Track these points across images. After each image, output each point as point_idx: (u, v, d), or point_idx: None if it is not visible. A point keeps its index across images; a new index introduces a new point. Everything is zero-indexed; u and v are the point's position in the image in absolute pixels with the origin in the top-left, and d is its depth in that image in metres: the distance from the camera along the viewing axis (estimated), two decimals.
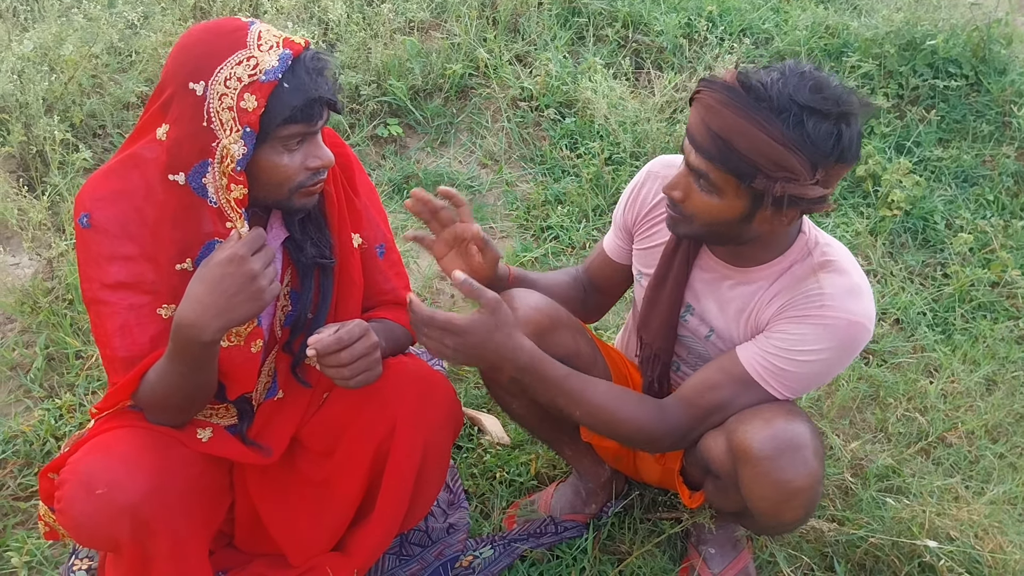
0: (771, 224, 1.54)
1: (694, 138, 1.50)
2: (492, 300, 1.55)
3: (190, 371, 1.48)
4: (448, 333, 1.53)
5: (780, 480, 1.55)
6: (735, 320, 1.71)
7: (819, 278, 1.61)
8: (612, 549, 2.04)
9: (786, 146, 1.41)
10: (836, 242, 1.70)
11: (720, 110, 1.45)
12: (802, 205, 1.48)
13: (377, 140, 3.51)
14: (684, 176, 1.56)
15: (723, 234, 1.60)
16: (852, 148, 1.46)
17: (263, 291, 1.43)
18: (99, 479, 1.49)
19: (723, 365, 1.69)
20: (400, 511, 1.74)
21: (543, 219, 3.20)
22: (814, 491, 1.58)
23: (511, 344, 1.57)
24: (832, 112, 1.42)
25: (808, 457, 1.56)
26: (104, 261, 1.52)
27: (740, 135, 1.43)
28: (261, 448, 1.72)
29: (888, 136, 3.60)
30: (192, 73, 1.41)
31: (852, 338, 1.60)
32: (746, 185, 1.47)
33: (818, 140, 1.41)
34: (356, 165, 1.76)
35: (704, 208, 1.55)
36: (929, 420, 2.42)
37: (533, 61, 3.81)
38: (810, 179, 1.44)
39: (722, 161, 1.46)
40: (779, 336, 1.62)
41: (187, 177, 1.47)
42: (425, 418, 1.69)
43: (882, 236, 3.19)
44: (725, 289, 1.72)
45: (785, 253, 1.66)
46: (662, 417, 1.69)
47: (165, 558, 1.57)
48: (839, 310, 1.58)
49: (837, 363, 1.64)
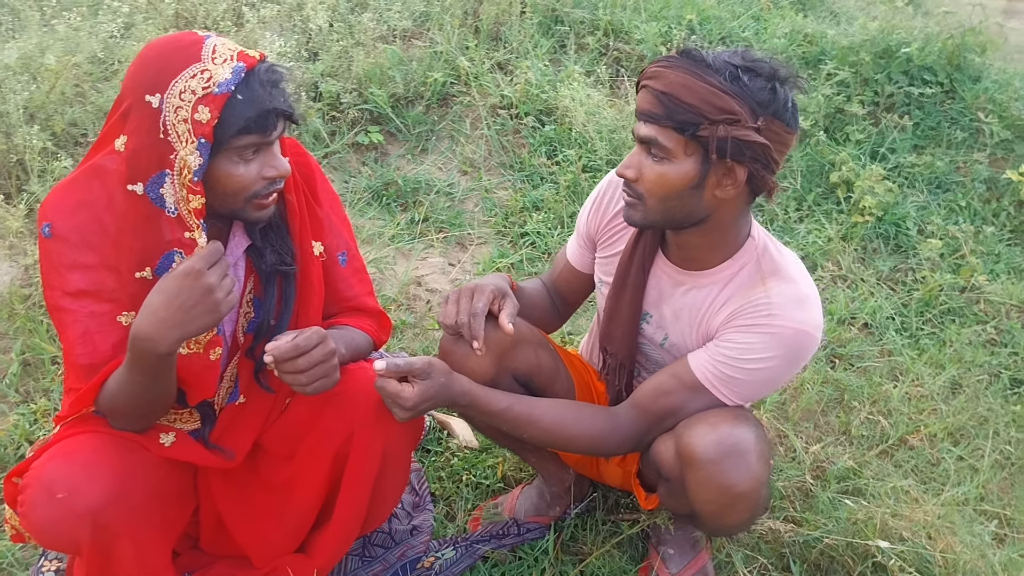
0: (721, 191, 1.57)
1: (641, 109, 1.56)
2: (421, 368, 1.63)
3: (148, 380, 1.52)
4: (396, 404, 1.63)
5: (724, 484, 1.59)
6: (688, 327, 1.75)
7: (767, 287, 1.65)
8: (575, 550, 2.08)
9: (725, 92, 1.49)
10: (787, 250, 1.74)
11: (663, 72, 1.53)
12: (746, 158, 1.52)
13: (358, 147, 3.56)
14: (635, 154, 1.61)
15: (676, 212, 1.61)
16: (788, 108, 1.53)
17: (219, 304, 1.46)
18: (60, 484, 1.53)
19: (675, 371, 1.73)
20: (359, 514, 1.78)
21: (520, 225, 3.25)
22: (758, 495, 1.62)
23: (449, 394, 1.66)
24: (764, 71, 1.51)
25: (752, 462, 1.59)
26: (65, 269, 1.56)
27: (682, 87, 1.50)
28: (223, 452, 1.75)
29: (863, 143, 3.64)
30: (149, 86, 1.45)
31: (799, 346, 1.64)
32: (691, 136, 1.51)
33: (754, 90, 1.50)
34: (318, 174, 1.79)
35: (657, 180, 1.58)
36: (892, 423, 2.46)
37: (514, 69, 3.86)
38: (751, 123, 1.50)
39: (668, 116, 1.52)
40: (727, 345, 1.66)
41: (145, 187, 1.50)
42: (383, 424, 1.72)
43: (853, 242, 3.23)
44: (678, 296, 1.76)
45: (734, 256, 1.69)
46: (615, 426, 1.74)
47: (127, 561, 1.60)
48: (786, 319, 1.62)
49: (785, 370, 1.68)
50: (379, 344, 1.90)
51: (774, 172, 1.58)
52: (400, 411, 1.63)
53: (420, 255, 3.10)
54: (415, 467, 2.19)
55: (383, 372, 1.61)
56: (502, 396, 1.72)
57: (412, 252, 3.10)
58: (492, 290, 1.74)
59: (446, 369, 1.67)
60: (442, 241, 3.17)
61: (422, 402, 1.62)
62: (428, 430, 2.36)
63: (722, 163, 1.54)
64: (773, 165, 1.56)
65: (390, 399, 1.63)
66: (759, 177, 1.57)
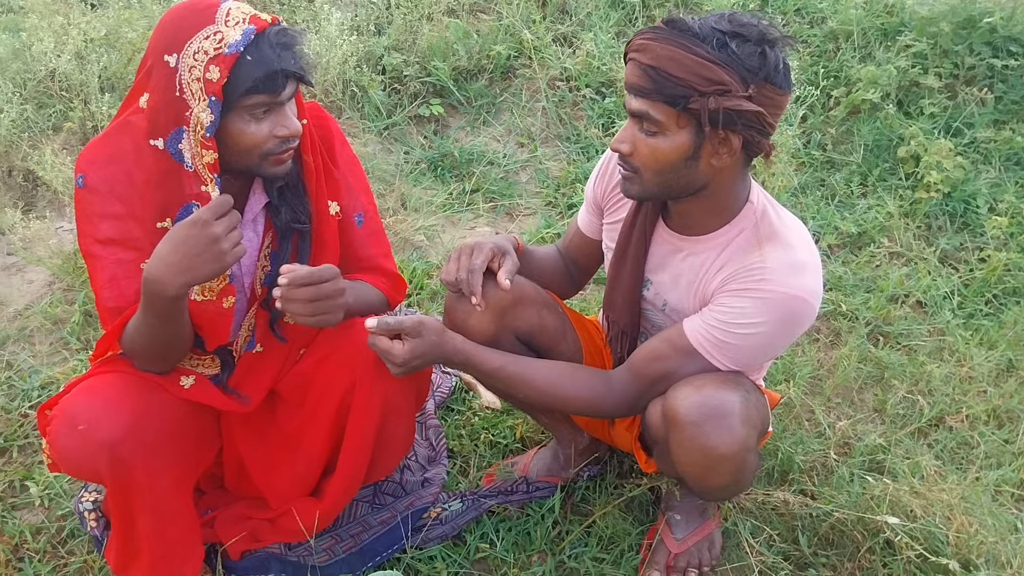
0: (717, 160, 1.56)
1: (630, 83, 1.55)
2: (411, 326, 1.67)
3: (160, 323, 1.62)
4: (389, 360, 1.68)
5: (704, 446, 1.59)
6: (685, 292, 1.75)
7: (763, 252, 1.63)
8: (584, 511, 2.10)
9: (714, 62, 1.47)
10: (789, 215, 1.71)
11: (649, 45, 1.51)
12: (739, 126, 1.51)
13: (419, 119, 3.63)
14: (628, 128, 1.60)
15: (673, 184, 1.61)
16: (779, 70, 1.50)
17: (224, 253, 1.54)
18: (82, 417, 1.65)
19: (669, 336, 1.73)
20: (362, 463, 1.86)
21: (569, 197, 3.26)
22: (741, 459, 1.61)
23: (441, 352, 1.71)
24: (752, 36, 1.48)
25: (734, 425, 1.59)
26: (96, 218, 1.67)
27: (669, 60, 1.48)
28: (240, 396, 1.85)
29: (937, 117, 3.49)
30: (167, 46, 1.54)
31: (792, 312, 1.61)
32: (682, 109, 1.50)
33: (743, 57, 1.47)
34: (337, 137, 1.86)
35: (651, 154, 1.57)
36: (931, 403, 2.38)
37: (576, 42, 3.86)
38: (742, 92, 1.48)
39: (657, 91, 1.50)
40: (720, 309, 1.65)
41: (165, 143, 1.60)
42: (383, 377, 1.78)
43: (916, 218, 3.11)
44: (677, 261, 1.76)
45: (732, 221, 1.68)
46: (609, 389, 1.76)
47: (143, 491, 1.72)
48: (779, 284, 1.60)
49: (779, 336, 1.66)
50: (393, 304, 1.96)
51: (769, 135, 1.56)
52: (392, 367, 1.69)
53: (468, 224, 3.15)
54: (434, 423, 2.26)
55: (374, 329, 1.67)
56: (497, 355, 1.76)
57: (460, 221, 3.16)
58: (492, 247, 1.78)
59: (439, 328, 1.72)
60: (491, 211, 3.22)
61: (412, 359, 1.67)
62: (453, 390, 2.42)
63: (716, 133, 1.52)
64: (768, 129, 1.54)
65: (382, 355, 1.69)
66: (754, 142, 1.55)
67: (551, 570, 1.96)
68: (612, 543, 2.03)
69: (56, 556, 2.01)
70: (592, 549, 2.00)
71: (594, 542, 2.02)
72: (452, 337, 1.73)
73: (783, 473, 2.17)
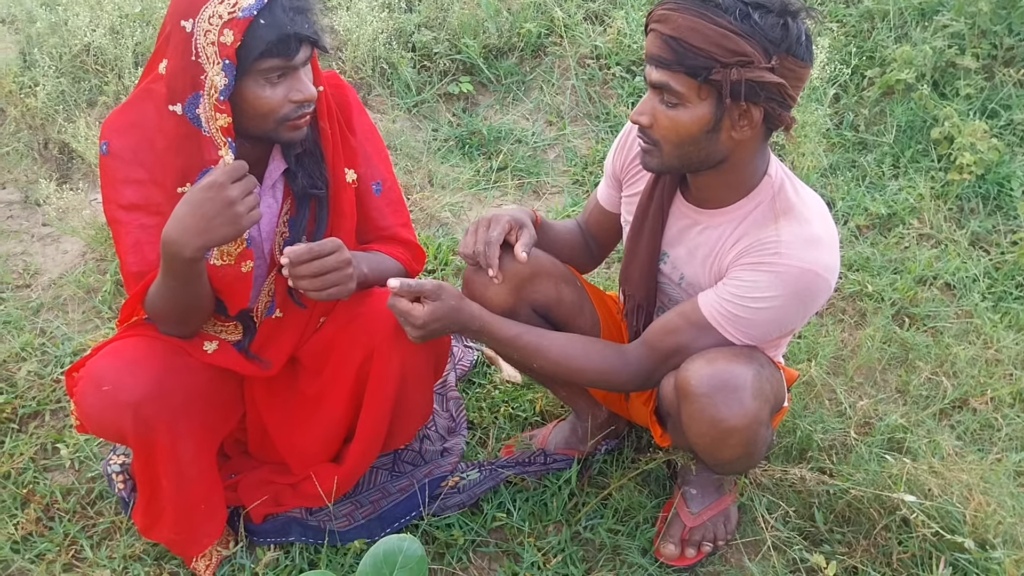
0: (737, 132, 1.56)
1: (651, 54, 1.54)
2: (431, 289, 1.69)
3: (179, 285, 1.65)
4: (407, 322, 1.70)
5: (715, 418, 1.59)
6: (701, 266, 1.75)
7: (778, 226, 1.62)
8: (601, 484, 2.12)
9: (736, 33, 1.45)
10: (806, 190, 1.70)
11: (670, 15, 1.50)
12: (761, 98, 1.50)
13: (448, 97, 3.64)
14: (648, 100, 1.60)
15: (693, 156, 1.60)
16: (802, 42, 1.49)
17: (240, 217, 1.56)
18: (107, 378, 1.70)
19: (684, 310, 1.73)
20: (380, 430, 1.89)
21: (597, 176, 3.26)
22: (752, 431, 1.61)
23: (459, 318, 1.72)
24: (775, 6, 1.47)
25: (745, 398, 1.59)
26: (119, 184, 1.71)
27: (691, 31, 1.47)
28: (261, 361, 1.89)
29: (972, 98, 3.42)
30: (184, 12, 1.57)
31: (805, 286, 1.60)
32: (704, 80, 1.49)
33: (766, 28, 1.46)
34: (355, 105, 1.88)
35: (671, 126, 1.56)
36: (955, 385, 2.35)
37: (607, 19, 3.84)
38: (764, 63, 1.47)
39: (678, 62, 1.49)
40: (734, 283, 1.65)
41: (183, 108, 1.63)
42: (401, 342, 1.80)
43: (948, 200, 3.07)
44: (694, 235, 1.75)
45: (750, 195, 1.67)
46: (624, 362, 1.76)
47: (166, 452, 1.77)
48: (793, 258, 1.59)
49: (793, 311, 1.65)
50: (412, 273, 1.97)
51: (790, 108, 1.55)
52: (411, 329, 1.71)
53: (495, 201, 3.16)
54: (454, 395, 2.28)
55: (396, 290, 1.69)
56: (513, 325, 1.77)
57: (487, 198, 3.17)
58: (509, 220, 1.79)
59: (458, 294, 1.73)
60: (518, 188, 3.22)
61: (431, 321, 1.69)
62: (475, 363, 2.44)
63: (737, 105, 1.51)
64: (789, 101, 1.53)
65: (402, 317, 1.70)
66: (775, 115, 1.54)
67: (566, 540, 1.98)
68: (628, 515, 2.05)
69: (85, 516, 2.06)
70: (608, 521, 2.02)
71: (610, 514, 2.03)
72: (470, 304, 1.74)
73: (801, 451, 2.16)
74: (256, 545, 1.98)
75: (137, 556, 1.96)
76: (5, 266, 2.74)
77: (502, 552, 1.99)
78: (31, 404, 2.30)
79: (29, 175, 3.09)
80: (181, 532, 1.89)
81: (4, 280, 2.69)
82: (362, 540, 1.95)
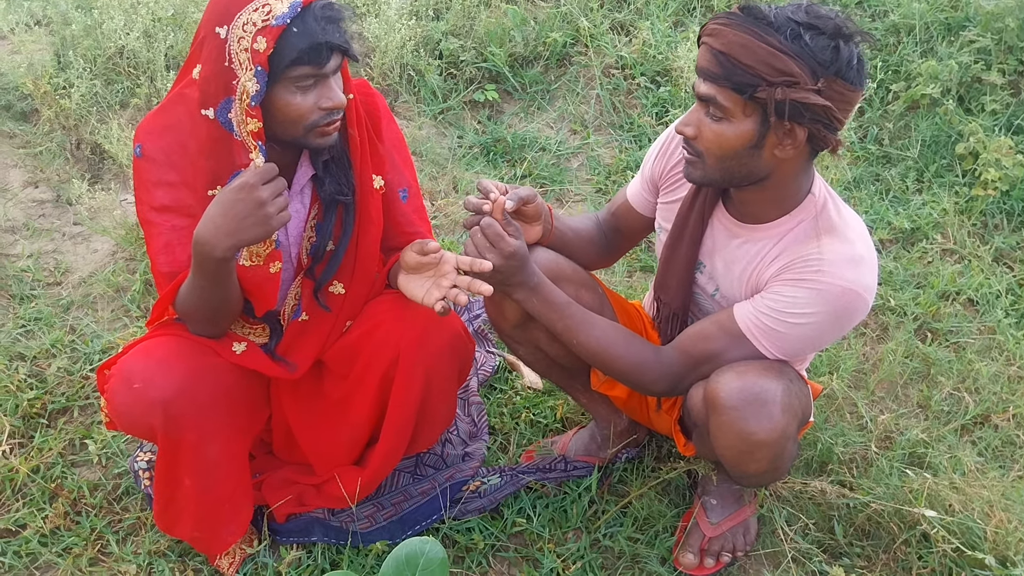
0: (781, 151, 1.57)
1: (700, 67, 1.56)
2: (528, 195, 1.76)
3: (210, 284, 1.68)
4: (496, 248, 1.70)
5: (743, 431, 1.60)
6: (738, 279, 1.76)
7: (821, 244, 1.63)
8: (621, 492, 2.13)
9: (784, 53, 1.46)
10: (848, 211, 1.70)
11: (722, 30, 1.51)
12: (806, 119, 1.50)
13: (473, 104, 3.67)
14: (695, 112, 1.61)
15: (735, 171, 1.61)
16: (853, 65, 1.49)
17: (270, 217, 1.60)
18: (137, 376, 1.73)
19: (719, 319, 1.75)
20: (404, 434, 1.91)
21: (620, 184, 3.27)
22: (779, 446, 1.62)
23: (529, 265, 1.75)
24: (828, 29, 1.47)
25: (774, 412, 1.60)
26: (152, 186, 1.74)
27: (741, 47, 1.48)
28: (287, 364, 1.92)
29: (998, 114, 3.42)
30: (219, 19, 1.60)
31: (845, 305, 1.61)
32: (749, 97, 1.50)
33: (816, 50, 1.47)
34: (384, 113, 1.91)
35: (715, 140, 1.58)
36: (977, 401, 2.35)
37: (633, 30, 3.86)
38: (811, 85, 1.47)
39: (726, 77, 1.50)
40: (773, 297, 1.66)
41: (216, 112, 1.66)
42: (426, 348, 1.83)
43: (973, 216, 3.06)
44: (733, 248, 1.76)
45: (792, 212, 1.68)
46: (657, 359, 1.78)
47: (192, 450, 1.80)
48: (835, 276, 1.59)
49: (829, 329, 1.66)
50: None
51: (837, 131, 1.54)
52: (495, 256, 1.69)
53: None
54: (476, 400, 2.30)
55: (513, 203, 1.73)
56: (563, 294, 1.79)
57: None
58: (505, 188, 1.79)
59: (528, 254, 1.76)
60: (541, 196, 3.23)
61: (512, 255, 1.69)
62: (496, 369, 2.46)
63: (781, 124, 1.52)
64: (836, 124, 1.53)
65: (493, 238, 1.70)
66: (820, 136, 1.54)
67: (586, 547, 1.99)
68: (647, 524, 2.06)
69: (111, 511, 2.10)
70: (627, 529, 2.03)
71: (629, 522, 2.04)
72: (537, 267, 1.78)
73: (822, 464, 2.16)
74: (279, 544, 2.00)
75: (162, 552, 1.99)
76: (37, 264, 2.79)
77: (522, 557, 2.00)
78: (60, 400, 2.34)
79: (61, 175, 3.14)
80: (204, 530, 1.91)
81: (36, 277, 2.74)
82: (383, 541, 1.97)
